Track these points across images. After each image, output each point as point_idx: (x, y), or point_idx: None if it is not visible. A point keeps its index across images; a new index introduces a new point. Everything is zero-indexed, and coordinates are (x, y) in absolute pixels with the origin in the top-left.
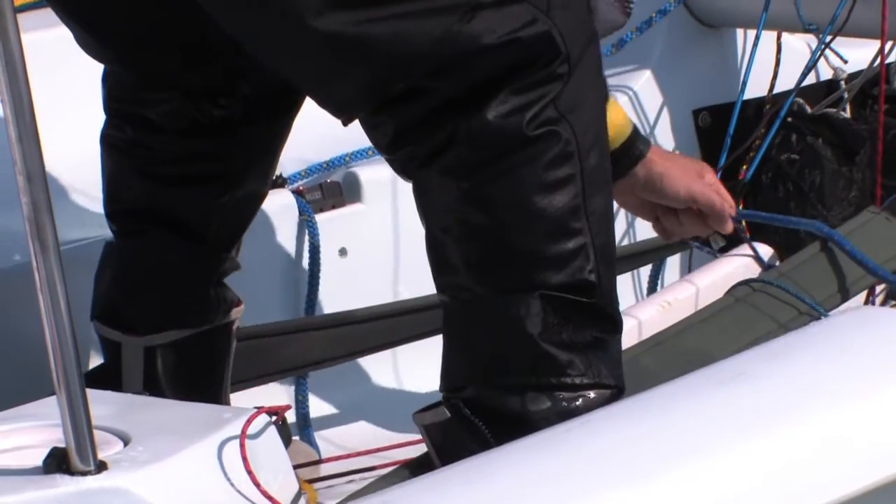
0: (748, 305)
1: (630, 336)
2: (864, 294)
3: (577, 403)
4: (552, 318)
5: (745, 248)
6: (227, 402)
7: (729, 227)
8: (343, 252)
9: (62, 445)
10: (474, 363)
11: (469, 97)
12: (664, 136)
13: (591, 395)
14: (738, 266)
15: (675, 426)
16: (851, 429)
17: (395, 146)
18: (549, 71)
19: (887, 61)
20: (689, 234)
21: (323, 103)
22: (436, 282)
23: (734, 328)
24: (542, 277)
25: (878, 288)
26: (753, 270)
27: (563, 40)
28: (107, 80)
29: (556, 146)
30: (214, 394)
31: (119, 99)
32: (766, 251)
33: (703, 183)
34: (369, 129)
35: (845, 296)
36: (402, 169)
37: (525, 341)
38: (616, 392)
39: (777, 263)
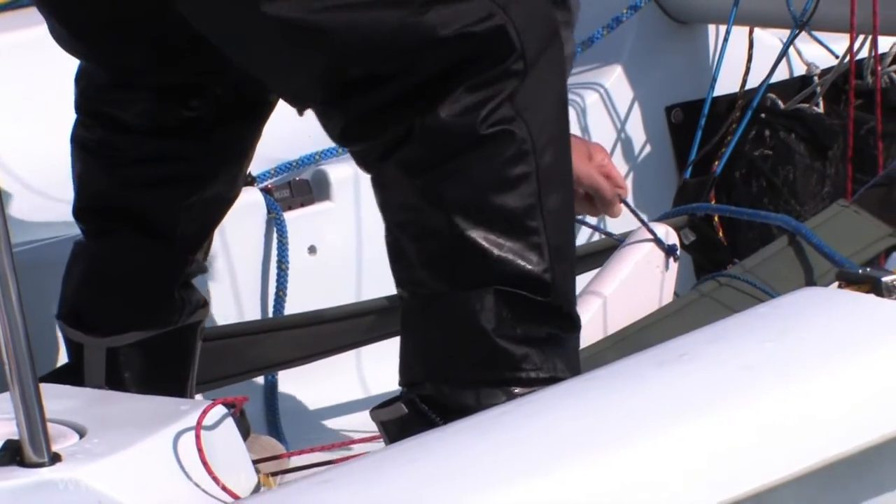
0: (713, 301)
1: None
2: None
3: None
4: (507, 314)
5: (645, 233)
6: None
7: (616, 211)
8: (312, 250)
9: (17, 438)
10: (430, 359)
11: (422, 93)
12: (636, 133)
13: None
14: (646, 252)
15: (613, 408)
16: (795, 409)
17: (345, 137)
18: (504, 68)
19: (859, 56)
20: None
21: (278, 91)
22: (394, 276)
23: (699, 324)
24: (496, 275)
25: None
26: (658, 254)
27: (518, 36)
28: (80, 79)
29: (511, 145)
30: (178, 394)
31: (91, 98)
32: (663, 231)
33: (591, 165)
34: (323, 120)
35: None
36: (361, 161)
37: (479, 336)
38: None
39: (676, 243)
